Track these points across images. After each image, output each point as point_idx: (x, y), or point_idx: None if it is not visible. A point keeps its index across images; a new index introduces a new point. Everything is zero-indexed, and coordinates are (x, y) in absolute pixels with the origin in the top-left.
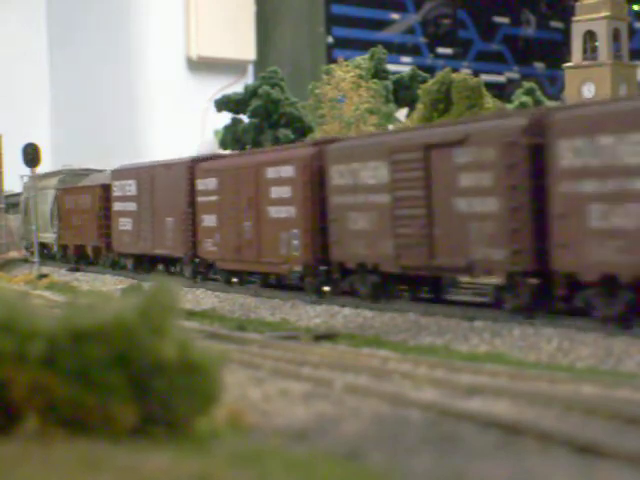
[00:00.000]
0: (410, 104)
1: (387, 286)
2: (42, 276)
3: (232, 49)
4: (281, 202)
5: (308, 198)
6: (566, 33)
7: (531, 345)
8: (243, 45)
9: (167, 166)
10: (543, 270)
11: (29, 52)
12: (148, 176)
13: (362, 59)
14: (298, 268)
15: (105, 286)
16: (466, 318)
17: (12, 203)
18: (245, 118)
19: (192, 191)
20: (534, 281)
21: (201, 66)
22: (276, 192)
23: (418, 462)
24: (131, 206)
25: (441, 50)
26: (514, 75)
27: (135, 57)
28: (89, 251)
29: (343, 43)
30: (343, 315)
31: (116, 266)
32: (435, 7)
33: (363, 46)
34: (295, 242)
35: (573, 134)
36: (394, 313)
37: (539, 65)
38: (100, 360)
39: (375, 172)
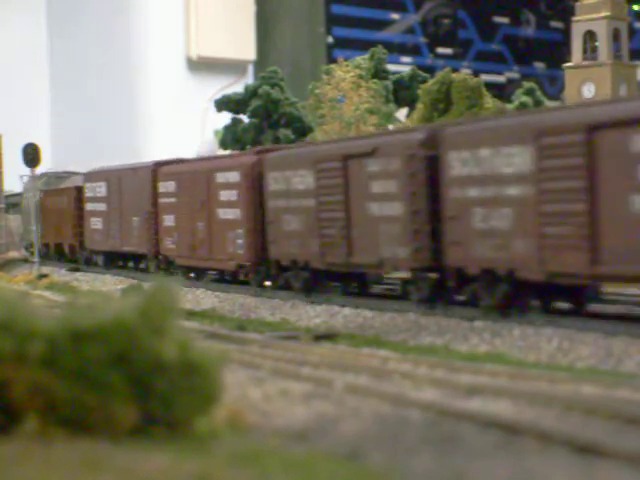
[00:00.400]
0: (410, 104)
1: (318, 281)
2: (42, 276)
3: (232, 49)
4: (228, 205)
5: (250, 202)
6: (566, 33)
7: (531, 345)
8: (243, 45)
9: (133, 170)
10: (440, 266)
11: (29, 52)
12: (116, 179)
13: (362, 59)
14: (242, 264)
15: (105, 286)
16: (466, 318)
17: (12, 203)
18: (245, 118)
19: (155, 193)
20: (433, 276)
21: (201, 66)
22: (224, 195)
23: (418, 462)
24: (101, 206)
25: (441, 50)
26: (514, 75)
27: (135, 57)
28: (66, 249)
29: (343, 43)
30: (343, 315)
31: (90, 263)
32: (435, 7)
33: (363, 46)
34: (240, 241)
35: (460, 147)
36: (394, 313)
37: (539, 65)
38: (100, 360)
39: (303, 179)
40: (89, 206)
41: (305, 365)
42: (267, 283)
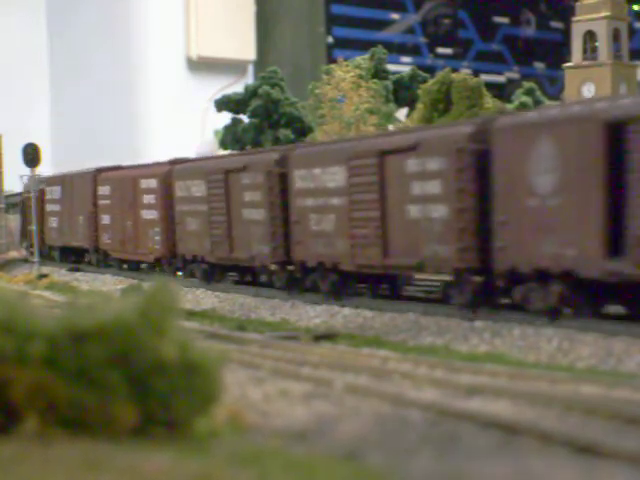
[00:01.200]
0: (410, 104)
1: (214, 272)
2: (42, 276)
3: (232, 49)
4: (149, 207)
5: (163, 204)
6: (566, 33)
7: (531, 345)
8: (243, 45)
9: (80, 175)
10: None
11: (29, 52)
12: (69, 183)
13: (362, 59)
14: (159, 257)
15: (105, 286)
16: (466, 318)
17: (12, 203)
18: (245, 118)
19: (95, 196)
20: (291, 268)
21: (201, 66)
22: (146, 199)
23: (418, 462)
24: (57, 207)
25: (441, 50)
26: (514, 75)
27: (135, 57)
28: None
29: (343, 43)
30: (343, 315)
31: (48, 257)
32: (435, 7)
33: (363, 46)
34: (157, 238)
35: (300, 166)
36: (394, 313)
37: (539, 65)
38: (100, 360)
39: (199, 187)
40: (48, 207)
41: (305, 365)
42: (179, 273)
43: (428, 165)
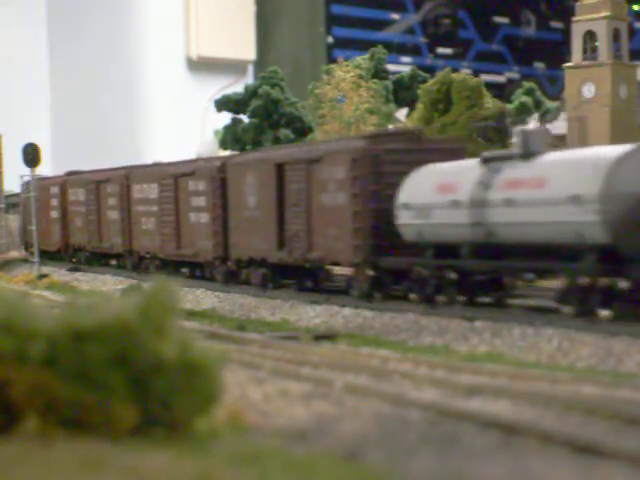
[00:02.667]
0: (410, 104)
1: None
2: (42, 276)
3: (232, 49)
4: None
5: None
6: (566, 33)
7: (531, 345)
8: (243, 45)
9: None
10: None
11: (29, 52)
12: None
13: (362, 59)
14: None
15: (105, 286)
16: (466, 318)
17: (12, 203)
18: (245, 118)
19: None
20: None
21: (201, 66)
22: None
23: (418, 462)
24: (14, 218)
25: (441, 50)
26: (514, 75)
27: (135, 57)
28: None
29: (343, 43)
30: (343, 315)
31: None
32: (435, 7)
33: (363, 46)
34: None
35: (137, 182)
36: (394, 313)
37: (539, 65)
38: (100, 360)
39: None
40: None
41: (305, 365)
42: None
43: (199, 186)
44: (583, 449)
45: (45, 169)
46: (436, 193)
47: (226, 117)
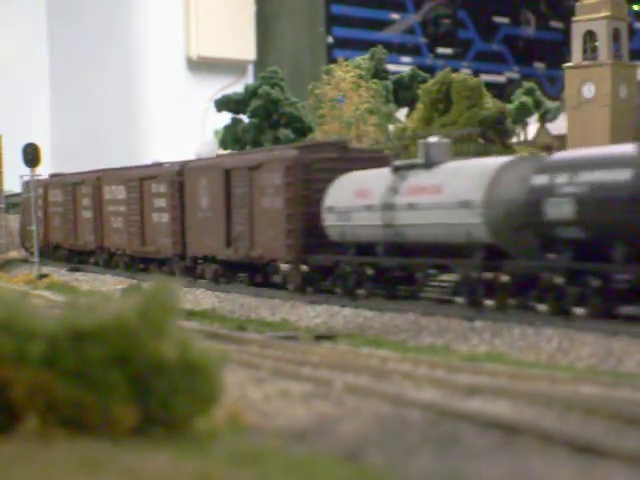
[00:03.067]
0: (410, 104)
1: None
2: (42, 276)
3: (232, 49)
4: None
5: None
6: (566, 33)
7: (531, 345)
8: (243, 45)
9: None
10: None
11: (29, 52)
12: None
13: (362, 59)
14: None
15: (105, 286)
16: (466, 318)
17: (12, 203)
18: (245, 118)
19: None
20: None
21: (201, 66)
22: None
23: (418, 462)
24: (14, 218)
25: (441, 50)
26: (514, 75)
27: (135, 57)
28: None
29: (343, 43)
30: (343, 315)
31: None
32: (435, 7)
33: (363, 46)
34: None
35: (107, 184)
36: (394, 313)
37: (539, 65)
38: (100, 360)
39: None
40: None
41: (305, 365)
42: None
43: (160, 189)
44: (583, 449)
45: (45, 169)
46: (355, 198)
47: (226, 117)
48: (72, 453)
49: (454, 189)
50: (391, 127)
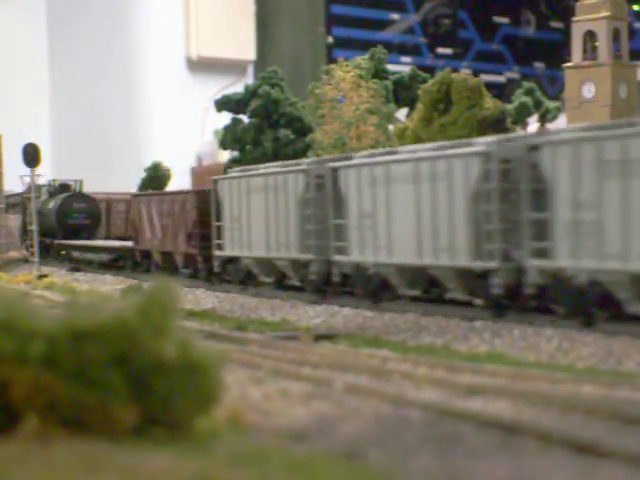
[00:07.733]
0: (410, 104)
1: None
2: (42, 276)
3: (232, 49)
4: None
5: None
6: (566, 33)
7: (531, 345)
8: (243, 45)
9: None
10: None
11: (29, 52)
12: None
13: (362, 59)
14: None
15: (105, 286)
16: (466, 318)
17: (12, 203)
18: (245, 118)
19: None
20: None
21: (201, 66)
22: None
23: (418, 462)
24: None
25: (441, 50)
26: (514, 75)
27: (135, 57)
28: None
29: (343, 43)
30: (343, 315)
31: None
32: (435, 7)
33: (363, 46)
34: None
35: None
36: (394, 313)
37: (539, 65)
38: (100, 360)
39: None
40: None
41: (305, 365)
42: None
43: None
44: (583, 449)
45: (45, 169)
46: None
47: (226, 117)
48: (72, 453)
49: None
50: (391, 127)
